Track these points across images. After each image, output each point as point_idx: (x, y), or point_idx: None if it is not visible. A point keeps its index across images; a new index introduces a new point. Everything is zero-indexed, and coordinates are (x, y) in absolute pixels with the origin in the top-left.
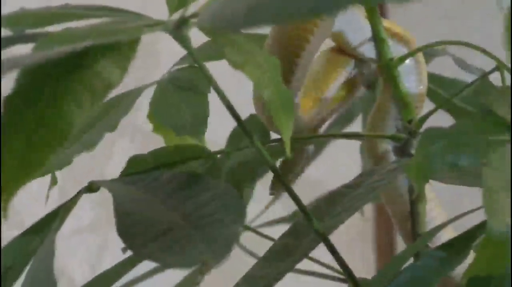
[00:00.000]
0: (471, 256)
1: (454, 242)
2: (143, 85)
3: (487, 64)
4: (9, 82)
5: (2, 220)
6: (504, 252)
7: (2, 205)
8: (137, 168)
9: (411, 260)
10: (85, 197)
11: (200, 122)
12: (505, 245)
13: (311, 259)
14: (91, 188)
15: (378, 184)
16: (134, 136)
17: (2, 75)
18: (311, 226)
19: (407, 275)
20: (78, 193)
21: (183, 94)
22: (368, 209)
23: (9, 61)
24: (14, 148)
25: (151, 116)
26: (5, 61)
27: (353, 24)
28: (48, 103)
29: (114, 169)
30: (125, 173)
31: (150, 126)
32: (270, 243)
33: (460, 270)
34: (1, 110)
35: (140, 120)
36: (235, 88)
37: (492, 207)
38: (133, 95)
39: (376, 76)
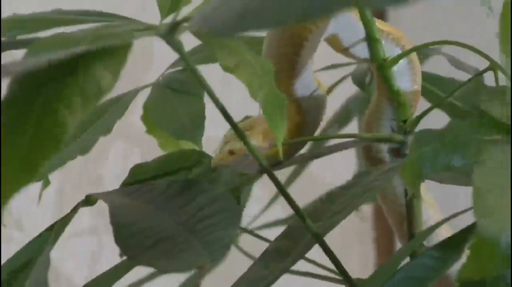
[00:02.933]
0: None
1: (450, 241)
2: (137, 87)
3: (485, 65)
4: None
5: (2, 222)
6: (497, 254)
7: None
8: (140, 175)
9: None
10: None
11: (197, 126)
12: (498, 247)
13: (307, 259)
14: (89, 200)
15: (373, 184)
16: (130, 137)
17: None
18: (306, 227)
19: (403, 275)
20: (75, 207)
21: (178, 97)
22: (367, 209)
23: (1, 69)
24: (14, 153)
25: (145, 118)
26: None
27: (346, 25)
28: (43, 109)
29: (110, 170)
30: (128, 181)
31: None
32: (267, 245)
33: (456, 269)
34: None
35: (136, 121)
36: (228, 91)
37: (484, 209)
38: (127, 98)
39: (369, 76)
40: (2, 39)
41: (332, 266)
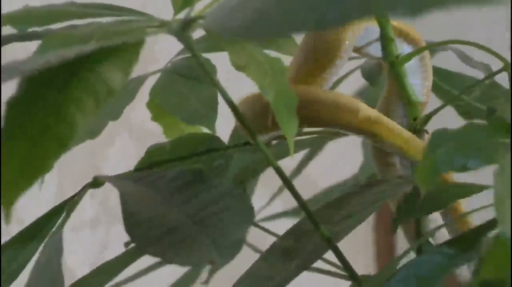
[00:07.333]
0: None
1: (462, 238)
2: (146, 73)
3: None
4: (10, 85)
5: (2, 224)
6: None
7: (3, 212)
8: (155, 156)
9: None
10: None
11: (209, 110)
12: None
13: None
14: (96, 183)
15: (385, 194)
16: (132, 135)
17: (2, 83)
18: (318, 231)
19: (411, 271)
20: (83, 188)
21: (189, 83)
22: None
23: (9, 68)
24: (15, 154)
25: (151, 105)
26: (5, 69)
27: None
28: (50, 109)
29: (111, 168)
30: (144, 162)
31: (148, 124)
32: (268, 236)
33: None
34: (3, 116)
35: (138, 118)
36: (237, 85)
37: (504, 213)
38: (135, 83)
39: (378, 72)
40: (14, 31)
41: (336, 260)
